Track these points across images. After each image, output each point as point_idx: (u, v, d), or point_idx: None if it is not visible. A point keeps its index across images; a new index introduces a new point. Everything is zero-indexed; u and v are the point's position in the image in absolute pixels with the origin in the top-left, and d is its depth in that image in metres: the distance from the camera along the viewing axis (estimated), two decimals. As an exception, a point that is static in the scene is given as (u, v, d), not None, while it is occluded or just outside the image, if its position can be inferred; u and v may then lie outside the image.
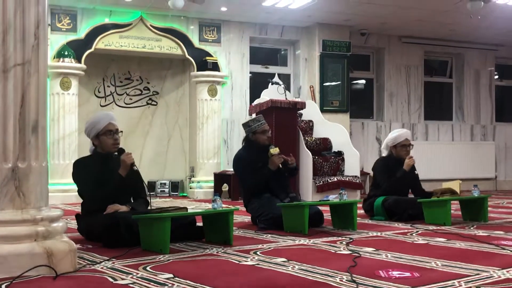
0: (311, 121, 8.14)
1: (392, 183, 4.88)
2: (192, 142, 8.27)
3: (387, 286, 2.26)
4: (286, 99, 7.17)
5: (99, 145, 3.62)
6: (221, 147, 8.16)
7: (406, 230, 4.10)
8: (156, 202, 6.99)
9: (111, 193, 3.46)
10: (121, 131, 3.66)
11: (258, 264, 2.73)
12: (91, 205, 3.51)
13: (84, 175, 3.54)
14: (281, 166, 4.28)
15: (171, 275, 2.46)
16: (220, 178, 7.68)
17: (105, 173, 3.56)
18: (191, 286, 2.25)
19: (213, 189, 7.67)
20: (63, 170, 7.14)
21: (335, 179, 7.16)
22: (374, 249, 3.18)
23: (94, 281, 2.37)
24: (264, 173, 4.32)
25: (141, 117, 8.52)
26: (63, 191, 7.02)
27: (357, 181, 7.32)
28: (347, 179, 7.24)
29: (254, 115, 7.61)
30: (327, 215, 4.49)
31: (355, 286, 2.24)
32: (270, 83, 7.75)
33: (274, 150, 4.30)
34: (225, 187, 7.74)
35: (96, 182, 3.49)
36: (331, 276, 2.42)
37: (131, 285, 2.28)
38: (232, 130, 8.41)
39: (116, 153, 3.61)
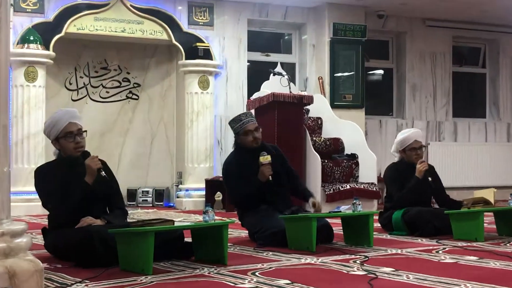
0: (319, 118, 8.15)
1: (404, 195, 4.88)
2: (180, 143, 8.27)
3: (409, 313, 2.25)
4: (291, 92, 7.17)
5: (61, 149, 3.62)
6: (214, 148, 8.16)
7: (431, 247, 4.11)
8: (137, 214, 7.00)
9: (77, 204, 3.45)
10: (85, 131, 3.65)
11: (256, 287, 2.73)
12: (57, 220, 3.50)
13: (47, 185, 3.54)
14: (270, 179, 4.21)
15: (155, 300, 2.45)
16: (212, 185, 7.68)
17: (71, 181, 3.55)
18: (178, 313, 2.24)
19: (204, 199, 7.67)
20: (28, 176, 7.09)
21: (348, 187, 7.17)
22: (393, 270, 3.18)
23: (63, 307, 2.36)
24: (252, 184, 4.27)
25: (119, 113, 8.52)
26: (28, 201, 7.01)
27: (374, 189, 7.33)
28: (362, 187, 7.24)
29: (252, 111, 7.62)
30: (338, 229, 4.49)
31: (371, 313, 2.23)
32: (272, 74, 7.75)
33: (264, 159, 4.23)
34: (218, 196, 7.74)
35: (61, 192, 3.48)
36: (342, 302, 2.42)
37: (107, 312, 2.27)
38: (227, 128, 8.39)
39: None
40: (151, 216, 6.60)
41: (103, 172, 3.54)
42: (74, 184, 3.52)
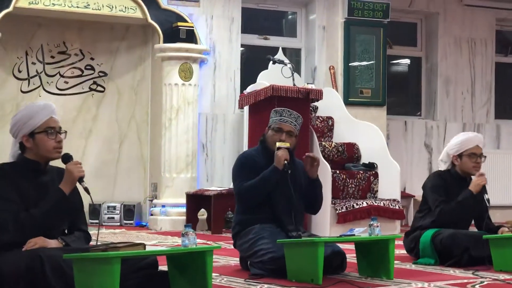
0: (330, 118, 8.17)
1: (449, 209, 4.89)
2: (155, 147, 8.28)
3: None
4: (294, 85, 7.18)
5: (31, 148, 3.61)
6: (198, 155, 8.17)
7: (465, 280, 4.11)
8: (101, 235, 6.99)
9: (45, 217, 3.44)
10: (65, 132, 3.68)
11: (247, 328, 2.73)
12: (10, 238, 3.48)
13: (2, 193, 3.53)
14: (285, 167, 4.31)
15: None
16: (195, 200, 7.68)
17: (34, 190, 3.55)
18: None
19: (184, 217, 7.67)
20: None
21: (365, 204, 7.18)
22: (419, 308, 3.19)
23: None
24: (266, 174, 4.34)
25: (81, 109, 8.53)
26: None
27: (397, 207, 7.34)
28: (382, 205, 7.26)
29: (246, 108, 7.65)
30: (351, 257, 4.48)
31: None
32: (271, 62, 7.77)
33: (282, 144, 4.39)
34: (202, 214, 7.74)
35: (20, 203, 3.48)
36: None
37: None
38: (214, 129, 8.42)
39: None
40: (117, 238, 6.60)
41: (84, 182, 3.53)
42: (39, 194, 3.52)
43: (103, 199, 8.34)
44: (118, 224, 8.23)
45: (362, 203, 7.19)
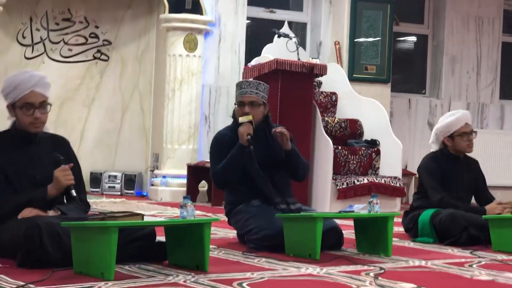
0: (334, 93, 8.14)
1: (453, 204, 4.89)
2: (158, 118, 8.27)
3: None
4: (299, 59, 7.16)
5: (15, 119, 3.61)
6: (200, 126, 8.16)
7: (463, 259, 4.11)
8: (102, 204, 7.01)
9: (18, 209, 3.45)
10: (50, 104, 3.64)
11: (242, 301, 2.73)
12: None
13: None
14: (249, 142, 4.18)
15: (114, 313, 2.45)
16: (196, 172, 7.69)
17: (24, 159, 3.54)
18: (141, 330, 2.24)
19: (185, 188, 7.68)
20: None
21: (366, 181, 7.18)
22: (415, 286, 3.17)
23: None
24: (233, 153, 4.25)
25: (84, 78, 8.52)
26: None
27: (398, 185, 7.34)
28: (383, 182, 7.25)
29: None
30: (349, 233, 4.48)
31: None
32: (277, 35, 7.74)
33: (244, 118, 4.27)
34: (203, 186, 7.75)
35: (5, 182, 3.49)
36: (348, 324, 2.42)
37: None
38: (217, 102, 8.40)
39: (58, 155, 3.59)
40: (117, 207, 6.62)
41: (73, 191, 3.52)
42: (28, 169, 3.52)
43: (104, 169, 8.36)
44: (119, 193, 8.25)
45: (363, 179, 7.19)
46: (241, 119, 4.28)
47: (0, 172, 3.53)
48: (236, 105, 4.44)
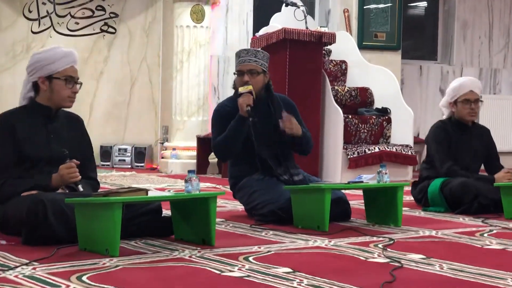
0: (343, 62, 8.09)
1: (462, 174, 4.84)
2: (167, 90, 8.24)
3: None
4: (307, 28, 7.09)
5: (45, 91, 3.58)
6: (209, 98, 8.12)
7: (474, 228, 4.07)
8: (112, 177, 7.00)
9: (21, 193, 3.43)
10: (81, 83, 3.67)
11: (248, 276, 2.70)
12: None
13: (2, 143, 3.51)
14: (249, 114, 4.10)
15: (118, 290, 2.43)
16: (206, 144, 7.65)
17: (44, 136, 3.54)
18: (144, 308, 2.22)
19: (195, 160, 7.66)
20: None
21: (377, 150, 7.15)
22: (424, 257, 3.15)
23: (1, 297, 2.35)
24: (232, 125, 4.17)
25: (92, 51, 8.50)
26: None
27: (409, 153, 7.30)
28: (394, 150, 7.23)
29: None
30: (359, 203, 4.44)
31: (390, 313, 2.21)
32: (284, 4, 7.66)
33: (244, 88, 4.18)
34: (213, 158, 7.73)
35: (12, 160, 3.48)
36: (355, 298, 2.39)
37: (55, 304, 2.26)
38: (226, 72, 8.35)
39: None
40: (127, 181, 6.61)
41: (80, 186, 3.49)
42: (44, 149, 3.53)
43: (114, 142, 8.36)
44: (129, 166, 8.25)
45: (374, 148, 7.16)
46: (240, 89, 4.19)
47: (15, 148, 3.50)
48: (236, 75, 4.37)
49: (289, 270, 2.81)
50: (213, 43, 8.17)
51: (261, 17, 8.32)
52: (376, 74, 7.85)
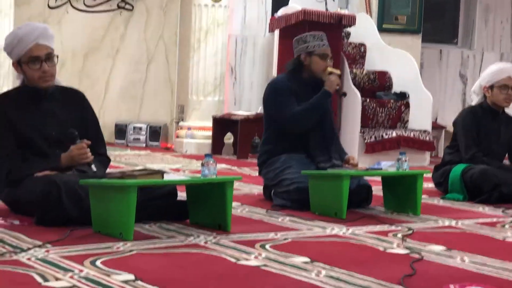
0: (363, 45, 8.01)
1: (486, 162, 4.77)
2: (183, 69, 8.19)
3: (461, 312, 2.16)
4: (327, 10, 7.04)
5: (24, 76, 3.51)
6: (226, 78, 8.06)
7: (495, 219, 4.01)
8: (126, 156, 6.96)
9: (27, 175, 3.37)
10: (57, 55, 3.52)
11: (265, 265, 2.65)
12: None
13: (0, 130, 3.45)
14: (337, 92, 4.37)
15: (132, 277, 2.38)
16: (222, 124, 7.61)
17: (39, 116, 3.47)
18: (158, 297, 2.17)
19: (210, 141, 7.61)
20: (-10, 102, 7.13)
21: (394, 135, 7.08)
22: (445, 248, 3.09)
23: (12, 281, 2.30)
24: (318, 99, 4.27)
25: (108, 28, 8.44)
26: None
27: (427, 139, 7.24)
28: (412, 135, 7.16)
29: (276, 32, 7.49)
30: (377, 190, 4.38)
31: (411, 309, 2.14)
32: (304, -16, 7.60)
33: (334, 70, 4.38)
34: (229, 138, 7.68)
35: (14, 144, 3.43)
36: (375, 291, 2.33)
37: (68, 290, 2.21)
38: (244, 53, 8.29)
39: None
40: (142, 160, 6.57)
41: (94, 166, 3.42)
42: (39, 128, 3.46)
43: (129, 120, 8.33)
44: (144, 145, 8.21)
45: (392, 133, 7.10)
46: (330, 69, 4.33)
47: (12, 132, 3.45)
48: (316, 56, 4.33)
49: (307, 259, 2.76)
50: (231, 23, 8.09)
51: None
52: (395, 58, 7.79)
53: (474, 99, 5.08)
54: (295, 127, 4.29)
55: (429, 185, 5.13)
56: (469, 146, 4.84)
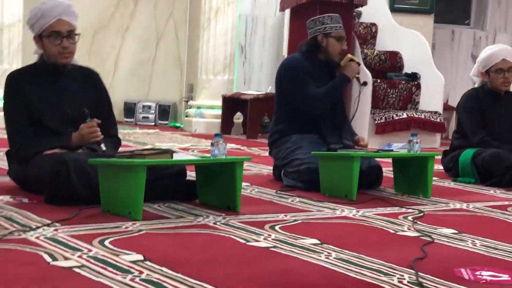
0: (374, 25, 7.97)
1: (494, 145, 4.73)
2: (193, 48, 8.16)
3: (472, 296, 2.14)
4: (338, -11, 6.97)
5: (43, 51, 3.50)
6: (236, 57, 8.03)
7: (506, 202, 3.99)
8: (135, 135, 6.95)
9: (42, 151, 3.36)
10: (78, 34, 3.51)
11: (274, 247, 2.63)
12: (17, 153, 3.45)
13: (14, 105, 3.45)
14: (358, 80, 4.44)
15: (141, 257, 2.37)
16: (231, 103, 7.59)
17: (54, 94, 3.45)
18: (168, 278, 2.15)
19: (219, 120, 7.60)
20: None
21: (405, 116, 7.05)
22: (455, 232, 3.06)
23: (20, 259, 2.29)
24: (337, 83, 4.29)
25: (118, 5, 8.43)
26: (-2, 110, 7.01)
27: (438, 120, 7.20)
28: (423, 117, 7.13)
29: (287, 11, 7.45)
30: (387, 171, 4.36)
31: (422, 293, 2.12)
32: (316, -37, 7.51)
33: (355, 58, 4.43)
34: (238, 118, 7.67)
35: (26, 120, 3.42)
36: (385, 274, 2.31)
37: (76, 270, 2.19)
38: (254, 32, 8.25)
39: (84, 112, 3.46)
40: (151, 139, 6.56)
41: (103, 145, 3.40)
42: (57, 106, 3.45)
43: (138, 99, 8.33)
44: (153, 124, 8.20)
45: (402, 114, 7.06)
46: (352, 57, 4.39)
47: (27, 108, 3.44)
48: (332, 38, 4.32)
49: (317, 241, 2.74)
50: (241, 2, 8.05)
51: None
52: (407, 38, 7.74)
53: (476, 82, 5.04)
54: (311, 108, 4.26)
55: (440, 167, 5.10)
56: (475, 130, 4.80)
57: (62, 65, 3.52)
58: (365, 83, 4.55)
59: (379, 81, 7.22)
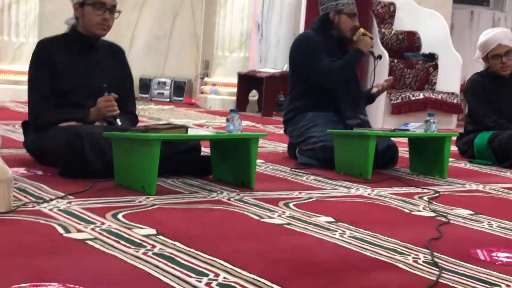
0: (392, 4, 7.92)
1: (507, 127, 4.68)
2: (209, 25, 8.12)
3: (488, 276, 2.11)
4: (357, -34, 6.89)
5: (81, 19, 3.48)
6: (253, 34, 7.98)
7: (523, 184, 3.96)
8: (150, 110, 6.94)
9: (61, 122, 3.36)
10: (119, 12, 3.50)
11: (288, 224, 2.61)
12: (36, 122, 3.44)
13: (40, 74, 3.43)
14: (372, 54, 4.37)
15: (153, 231, 2.36)
16: (247, 81, 7.56)
17: (82, 66, 3.45)
18: (180, 253, 2.14)
19: (235, 97, 7.57)
20: (16, 52, 7.14)
21: (421, 96, 7.00)
22: (472, 213, 3.04)
23: (33, 231, 2.29)
24: (351, 57, 4.27)
25: (134, -19, 8.38)
26: (14, 83, 7.03)
27: (455, 101, 7.15)
28: (440, 97, 7.08)
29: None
30: (403, 151, 4.33)
31: (437, 272, 2.09)
32: None
33: (368, 33, 4.40)
34: (253, 96, 7.64)
35: (50, 87, 3.41)
36: (400, 253, 2.29)
37: (89, 242, 2.18)
38: (270, 10, 8.19)
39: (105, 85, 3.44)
40: (165, 115, 6.55)
41: (119, 120, 3.39)
42: (82, 78, 3.45)
43: (153, 75, 8.31)
44: (168, 100, 8.19)
45: (419, 94, 7.01)
46: (365, 31, 4.34)
47: (52, 78, 3.43)
48: (345, 15, 4.28)
49: (331, 219, 2.72)
50: (259, -22, 7.99)
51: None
52: (425, 18, 7.67)
53: (483, 65, 5.01)
54: (327, 82, 4.24)
55: (455, 149, 5.06)
56: (486, 114, 4.77)
57: (97, 37, 3.52)
58: (379, 57, 4.48)
59: (396, 61, 7.16)
